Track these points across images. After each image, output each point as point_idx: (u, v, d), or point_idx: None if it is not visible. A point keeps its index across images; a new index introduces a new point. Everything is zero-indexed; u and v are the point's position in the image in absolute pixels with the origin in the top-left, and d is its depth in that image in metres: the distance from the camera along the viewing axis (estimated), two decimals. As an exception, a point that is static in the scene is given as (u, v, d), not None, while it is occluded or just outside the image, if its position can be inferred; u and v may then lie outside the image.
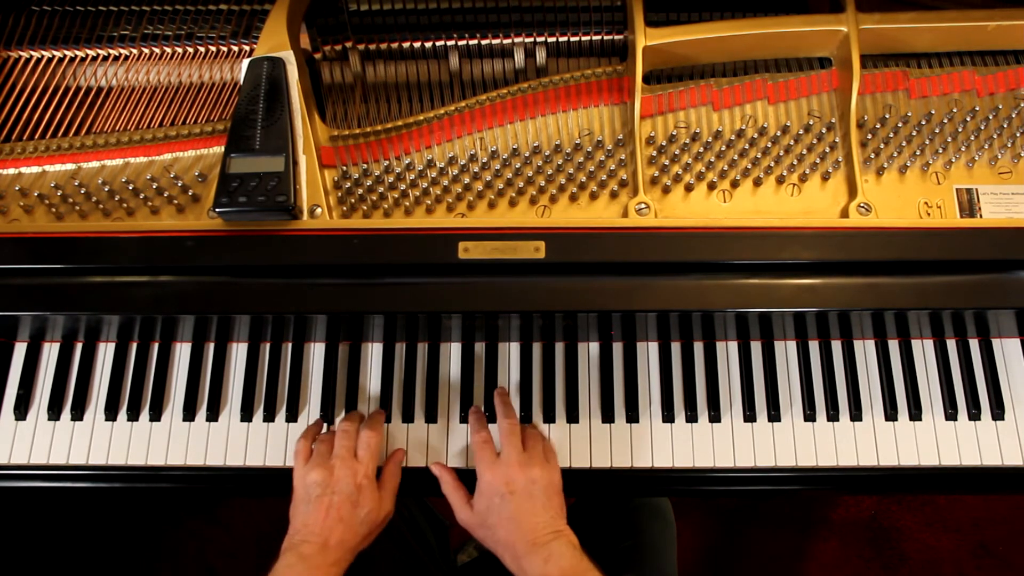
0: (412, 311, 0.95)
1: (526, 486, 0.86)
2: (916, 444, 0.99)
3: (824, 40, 1.03)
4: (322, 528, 0.84)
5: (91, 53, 1.09)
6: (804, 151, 1.01)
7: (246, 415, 1.02)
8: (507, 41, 1.07)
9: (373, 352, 1.05)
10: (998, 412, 1.00)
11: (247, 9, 1.09)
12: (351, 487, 0.86)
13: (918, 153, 1.01)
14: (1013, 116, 1.02)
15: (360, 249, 0.93)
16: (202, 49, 1.09)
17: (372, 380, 1.03)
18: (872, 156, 1.01)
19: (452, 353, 1.04)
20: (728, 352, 1.04)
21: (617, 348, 1.04)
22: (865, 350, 1.03)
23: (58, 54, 1.10)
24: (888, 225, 0.95)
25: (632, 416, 1.00)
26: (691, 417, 1.00)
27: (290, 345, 1.05)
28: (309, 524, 0.85)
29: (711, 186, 1.00)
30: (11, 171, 1.03)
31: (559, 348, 1.04)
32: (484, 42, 1.07)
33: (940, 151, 1.01)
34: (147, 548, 1.83)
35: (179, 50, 1.09)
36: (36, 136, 1.05)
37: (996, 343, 1.04)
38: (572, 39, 1.07)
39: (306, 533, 0.85)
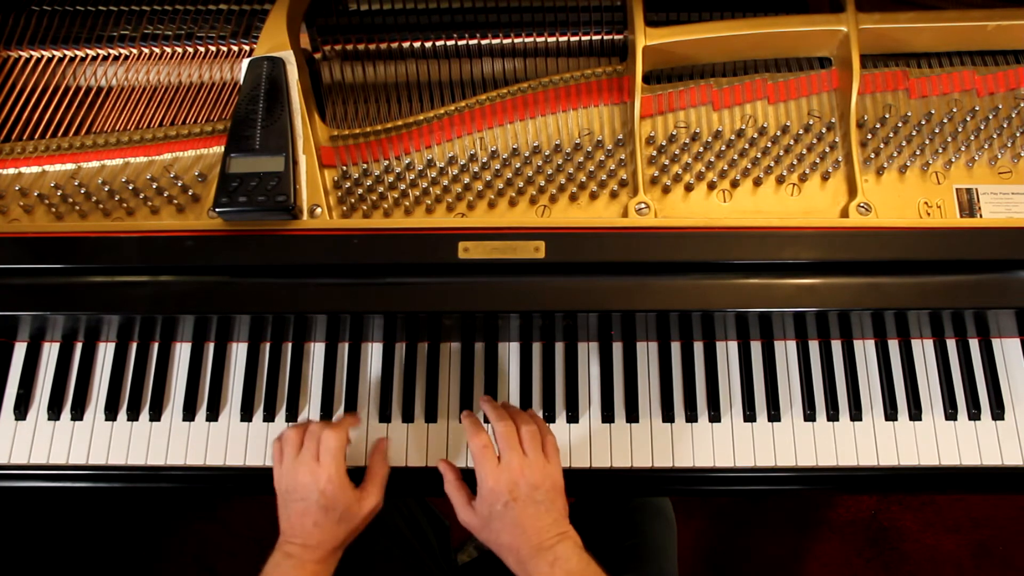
0: (412, 311, 0.95)
1: (529, 492, 0.85)
2: (916, 444, 0.99)
3: (824, 40, 1.03)
4: (300, 532, 0.86)
5: (91, 53, 1.09)
6: (804, 151, 1.01)
7: (246, 415, 1.02)
8: (507, 41, 1.07)
9: (373, 352, 1.05)
10: (998, 412, 1.00)
11: (247, 9, 1.09)
12: (316, 493, 0.85)
13: (918, 153, 1.01)
14: (1013, 116, 1.02)
15: (360, 249, 0.93)
16: (202, 49, 1.09)
17: (372, 380, 1.03)
18: (872, 156, 1.01)
19: (452, 353, 1.04)
20: (728, 352, 1.04)
21: (617, 348, 1.04)
22: (865, 350, 1.03)
23: (58, 54, 1.10)
24: (888, 225, 0.95)
25: (632, 416, 1.00)
26: (691, 417, 1.00)
27: (290, 345, 1.05)
28: (292, 527, 0.87)
29: (711, 186, 1.00)
30: (11, 171, 1.03)
31: (559, 348, 1.04)
32: (484, 42, 1.07)
33: (940, 151, 1.01)
34: (147, 548, 1.83)
35: (179, 50, 1.09)
36: (36, 136, 1.05)
37: (996, 343, 1.03)
38: (572, 39, 1.07)
39: (289, 535, 0.86)
